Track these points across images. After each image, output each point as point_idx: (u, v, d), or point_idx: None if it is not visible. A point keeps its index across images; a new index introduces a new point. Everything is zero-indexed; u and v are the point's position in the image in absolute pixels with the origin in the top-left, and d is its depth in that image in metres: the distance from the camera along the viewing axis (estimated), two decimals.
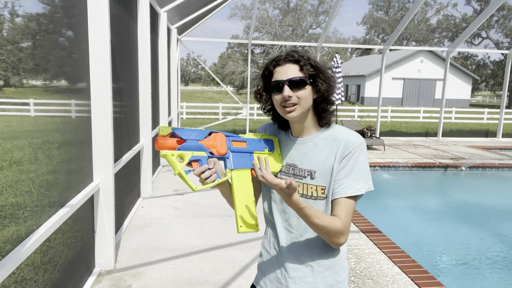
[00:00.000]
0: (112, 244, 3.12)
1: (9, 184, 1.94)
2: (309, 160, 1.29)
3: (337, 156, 1.25)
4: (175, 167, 1.13)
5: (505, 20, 40.78)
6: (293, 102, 1.23)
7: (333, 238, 1.22)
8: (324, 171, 1.26)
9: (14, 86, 2.10)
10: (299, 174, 1.31)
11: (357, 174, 1.23)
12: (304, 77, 1.23)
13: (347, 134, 1.28)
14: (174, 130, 1.17)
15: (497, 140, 12.37)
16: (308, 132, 1.32)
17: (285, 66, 1.25)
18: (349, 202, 1.24)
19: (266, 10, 46.38)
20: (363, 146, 1.26)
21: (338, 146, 1.26)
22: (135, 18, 4.73)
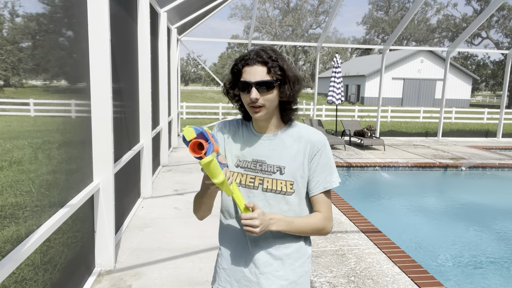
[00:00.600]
0: (112, 244, 3.12)
1: (9, 184, 1.94)
2: (278, 156, 1.33)
3: (306, 154, 1.33)
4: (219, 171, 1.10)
5: (505, 20, 40.78)
6: (259, 104, 1.25)
7: (322, 233, 1.38)
8: (293, 167, 1.31)
9: (14, 86, 2.10)
10: (267, 170, 1.33)
11: (329, 169, 1.35)
12: (271, 81, 1.24)
13: (312, 133, 1.36)
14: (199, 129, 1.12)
15: (497, 140, 12.37)
16: (273, 128, 1.36)
17: (254, 68, 1.25)
18: (328, 195, 1.37)
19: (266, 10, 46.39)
20: (327, 142, 1.37)
21: (306, 145, 1.33)
22: (135, 18, 4.73)
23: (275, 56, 1.26)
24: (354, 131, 10.38)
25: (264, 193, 1.33)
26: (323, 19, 47.98)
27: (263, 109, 1.27)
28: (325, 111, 20.91)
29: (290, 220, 1.30)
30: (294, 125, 1.39)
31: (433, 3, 45.74)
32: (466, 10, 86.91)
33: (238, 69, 1.29)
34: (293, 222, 1.30)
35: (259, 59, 1.25)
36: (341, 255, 3.57)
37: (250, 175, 1.36)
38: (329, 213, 1.37)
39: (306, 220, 1.33)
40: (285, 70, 1.26)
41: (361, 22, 56.17)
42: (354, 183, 7.34)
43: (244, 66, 1.27)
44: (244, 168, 1.37)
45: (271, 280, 1.33)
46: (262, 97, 1.25)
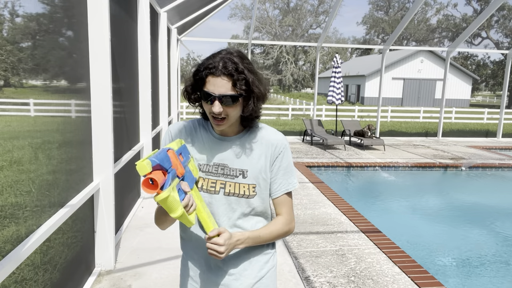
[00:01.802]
0: (112, 244, 3.12)
1: (9, 184, 1.94)
2: (241, 159, 1.30)
3: (268, 157, 1.32)
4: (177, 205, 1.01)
5: (505, 20, 40.78)
6: (222, 116, 1.21)
7: (287, 235, 1.40)
8: (255, 170, 1.30)
9: (14, 86, 2.10)
10: (230, 173, 1.30)
11: (290, 171, 1.36)
12: (235, 95, 1.18)
13: (273, 135, 1.34)
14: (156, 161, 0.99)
15: (497, 140, 12.37)
16: (234, 132, 1.32)
17: (218, 79, 1.17)
18: (289, 196, 1.38)
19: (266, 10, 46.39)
20: (288, 144, 1.37)
21: (268, 147, 1.32)
22: (135, 18, 4.73)
23: (242, 67, 1.18)
24: (354, 131, 10.38)
25: (226, 197, 1.31)
26: (323, 19, 47.99)
27: (225, 121, 1.22)
28: (325, 111, 20.91)
29: (256, 235, 1.29)
30: (256, 127, 1.35)
31: (433, 3, 45.74)
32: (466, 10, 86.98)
33: (201, 76, 1.20)
34: (259, 236, 1.30)
35: (224, 70, 1.16)
36: (341, 255, 3.57)
37: (211, 179, 1.32)
38: (291, 214, 1.38)
39: (271, 230, 1.33)
40: (250, 84, 1.19)
41: (361, 22, 56.19)
42: (354, 183, 7.34)
43: (208, 75, 1.18)
44: (206, 172, 1.33)
45: (240, 280, 1.35)
46: (225, 109, 1.19)
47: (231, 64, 1.17)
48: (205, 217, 1.20)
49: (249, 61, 1.23)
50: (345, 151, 9.47)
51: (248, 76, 1.19)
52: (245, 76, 1.18)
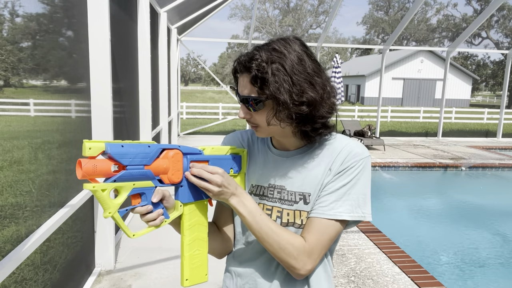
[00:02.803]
0: (112, 244, 3.12)
1: (9, 184, 1.94)
2: (301, 179, 1.00)
3: (333, 169, 0.98)
4: (106, 206, 0.82)
5: (505, 20, 40.79)
6: (252, 123, 0.98)
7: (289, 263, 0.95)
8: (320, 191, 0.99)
9: (14, 86, 2.10)
10: (288, 199, 1.01)
11: (348, 194, 0.96)
12: (257, 98, 0.91)
13: (350, 144, 1.00)
14: (109, 148, 0.81)
15: (497, 140, 12.37)
16: (296, 145, 1.03)
17: (242, 77, 0.95)
18: (327, 226, 0.95)
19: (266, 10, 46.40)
20: (366, 161, 0.99)
21: (336, 156, 0.98)
22: (135, 18, 4.73)
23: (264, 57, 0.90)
24: (354, 131, 10.38)
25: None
26: (323, 19, 48.01)
27: (260, 129, 0.98)
28: None
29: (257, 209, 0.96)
30: (328, 137, 1.03)
31: (433, 3, 45.76)
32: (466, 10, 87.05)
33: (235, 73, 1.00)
34: (261, 215, 0.96)
35: (247, 64, 0.91)
36: (341, 255, 3.57)
37: (267, 205, 1.04)
38: (315, 248, 0.95)
39: (279, 231, 0.95)
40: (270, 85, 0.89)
41: (361, 22, 56.20)
42: None
43: (236, 71, 0.98)
44: (259, 196, 1.05)
45: None
46: (253, 116, 0.96)
47: (247, 60, 0.92)
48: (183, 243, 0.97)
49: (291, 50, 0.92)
50: None
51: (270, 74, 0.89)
52: (267, 69, 0.89)
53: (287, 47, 0.92)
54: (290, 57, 0.91)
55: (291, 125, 0.96)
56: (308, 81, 0.91)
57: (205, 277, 0.98)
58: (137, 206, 0.89)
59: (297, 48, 0.93)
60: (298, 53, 0.92)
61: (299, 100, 0.90)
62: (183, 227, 0.97)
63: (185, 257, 0.96)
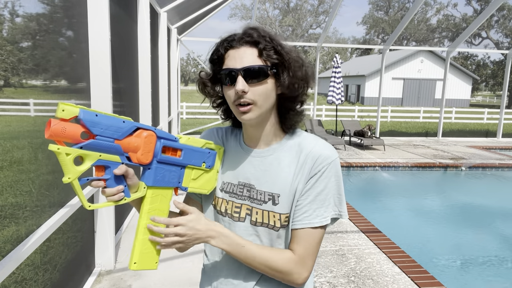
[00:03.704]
0: (112, 244, 3.12)
1: (9, 184, 1.94)
2: (271, 179, 1.01)
3: (304, 174, 0.99)
4: (67, 171, 0.80)
5: (505, 20, 40.79)
6: (248, 100, 0.93)
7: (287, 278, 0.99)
8: (289, 194, 0.99)
9: (14, 86, 2.10)
10: (257, 197, 1.02)
11: (326, 198, 0.99)
12: (264, 66, 0.93)
13: (318, 146, 1.00)
14: (83, 114, 0.80)
15: (497, 140, 12.37)
16: (268, 140, 1.04)
17: (240, 50, 0.94)
18: (314, 233, 0.98)
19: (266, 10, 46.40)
20: (336, 162, 1.00)
21: (305, 161, 0.99)
22: (135, 18, 4.73)
23: (270, 35, 0.95)
24: (354, 131, 10.38)
25: (253, 227, 1.03)
26: (323, 19, 48.02)
27: (254, 108, 0.94)
28: (325, 111, 20.91)
29: (240, 243, 0.96)
30: (296, 134, 1.05)
31: (433, 3, 45.77)
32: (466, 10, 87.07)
33: (219, 54, 0.97)
34: (244, 246, 0.96)
35: (247, 38, 0.94)
36: (341, 255, 3.57)
37: (236, 202, 1.05)
38: (307, 257, 0.98)
39: (265, 253, 0.97)
40: (283, 53, 0.94)
41: (361, 22, 56.19)
42: (354, 183, 7.34)
43: (227, 49, 0.96)
44: (229, 193, 1.06)
45: None
46: (251, 89, 0.93)
47: (254, 32, 0.95)
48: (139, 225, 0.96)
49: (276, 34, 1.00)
50: (345, 151, 9.47)
51: (277, 43, 0.95)
52: (273, 44, 0.94)
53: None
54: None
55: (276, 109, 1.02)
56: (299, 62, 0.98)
57: (155, 265, 0.97)
58: (98, 178, 0.87)
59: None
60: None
61: (296, 75, 0.96)
62: (142, 209, 0.95)
63: (138, 240, 0.94)
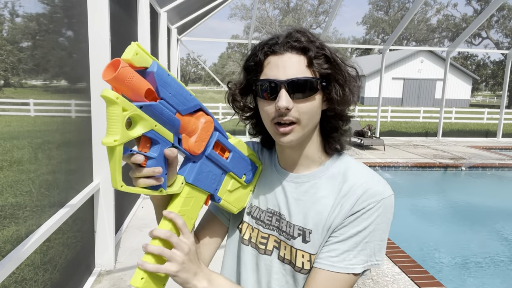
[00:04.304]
0: (112, 244, 3.12)
1: (9, 184, 1.94)
2: (304, 211, 0.84)
3: (344, 209, 0.80)
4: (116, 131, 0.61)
5: (505, 20, 40.80)
6: (291, 119, 0.77)
7: None
8: (323, 232, 0.82)
9: (13, 87, 2.10)
10: (286, 230, 0.85)
11: (361, 242, 0.79)
12: (313, 79, 0.77)
13: (366, 178, 0.82)
14: (156, 68, 0.67)
15: (497, 140, 12.37)
16: (307, 164, 0.87)
17: (285, 57, 0.77)
18: (335, 280, 0.78)
19: (266, 10, 46.40)
20: (386, 203, 0.81)
21: (348, 194, 0.81)
22: (135, 18, 4.73)
23: (320, 41, 0.80)
24: (354, 131, 10.38)
25: (281, 263, 0.86)
26: (323, 19, 48.03)
27: (297, 129, 0.78)
28: None
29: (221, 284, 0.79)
30: (342, 160, 0.88)
31: (433, 3, 45.78)
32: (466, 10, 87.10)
33: (257, 61, 0.80)
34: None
35: (294, 43, 0.77)
36: None
37: (262, 232, 0.89)
38: None
39: None
40: (336, 62, 0.79)
41: (361, 22, 56.21)
42: None
43: (268, 54, 0.79)
44: (256, 220, 0.91)
45: None
46: (296, 105, 0.76)
47: (302, 36, 0.78)
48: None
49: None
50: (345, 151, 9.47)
51: (328, 51, 0.79)
52: (325, 51, 0.78)
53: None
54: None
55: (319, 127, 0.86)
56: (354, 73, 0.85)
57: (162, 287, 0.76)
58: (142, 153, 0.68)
59: None
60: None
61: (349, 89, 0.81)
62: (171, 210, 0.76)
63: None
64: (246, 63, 0.84)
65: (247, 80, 0.84)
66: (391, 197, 0.82)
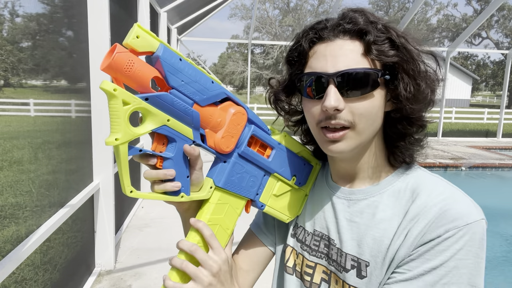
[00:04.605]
0: (112, 244, 3.12)
1: (9, 184, 1.94)
2: (358, 236, 0.67)
3: (412, 235, 0.61)
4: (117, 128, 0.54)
5: (505, 20, 40.83)
6: (342, 122, 0.61)
7: None
8: (383, 265, 0.63)
9: (13, 87, 2.10)
10: (336, 259, 0.69)
11: (438, 284, 0.58)
12: (372, 71, 0.60)
13: (446, 195, 0.65)
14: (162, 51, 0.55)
15: (497, 140, 12.37)
16: (364, 177, 0.70)
17: (335, 44, 0.62)
18: None
19: (266, 10, 46.42)
20: (474, 228, 0.59)
21: (418, 216, 0.62)
22: (135, 18, 4.73)
23: (383, 21, 0.63)
24: None
25: None
26: None
27: (351, 135, 0.62)
28: None
29: None
30: (411, 173, 0.70)
31: (433, 3, 45.80)
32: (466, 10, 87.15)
33: (301, 50, 0.66)
34: None
35: (348, 25, 0.61)
36: None
37: (308, 260, 0.73)
38: None
39: None
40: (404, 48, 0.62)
41: None
42: None
43: (314, 42, 0.64)
44: (302, 244, 0.75)
45: None
46: (349, 105, 0.61)
47: (359, 16, 0.63)
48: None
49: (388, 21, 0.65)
50: None
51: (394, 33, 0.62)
52: (390, 33, 0.61)
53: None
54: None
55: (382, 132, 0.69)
56: (431, 64, 0.67)
57: None
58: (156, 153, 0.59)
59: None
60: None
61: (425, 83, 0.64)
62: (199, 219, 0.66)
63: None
64: (288, 54, 0.70)
65: (290, 76, 0.70)
66: (480, 222, 0.59)
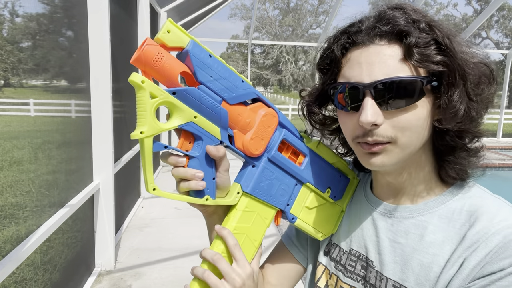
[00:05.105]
0: (112, 244, 3.12)
1: (9, 184, 1.94)
2: (402, 260, 0.59)
3: (470, 265, 0.53)
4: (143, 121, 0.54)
5: (505, 20, 40.85)
6: (381, 139, 0.55)
7: None
8: None
9: (13, 87, 2.10)
10: (375, 284, 0.62)
11: None
12: (416, 79, 0.53)
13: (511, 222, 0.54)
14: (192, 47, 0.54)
15: (497, 140, 12.37)
16: (411, 194, 0.62)
17: (371, 49, 0.55)
18: None
19: (266, 10, 46.43)
20: None
21: (478, 243, 0.54)
22: (135, 18, 4.73)
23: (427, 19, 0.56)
24: None
25: None
26: (323, 19, 48.06)
27: (391, 149, 0.56)
28: None
29: None
30: (466, 191, 0.62)
31: (433, 3, 45.80)
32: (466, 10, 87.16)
33: (333, 57, 0.59)
34: None
35: (385, 27, 0.55)
36: None
37: (342, 281, 0.67)
38: None
39: None
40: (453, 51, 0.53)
41: None
42: None
43: (347, 48, 0.58)
44: (335, 263, 0.69)
45: None
46: (389, 120, 0.54)
47: (398, 15, 0.55)
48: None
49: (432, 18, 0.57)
50: None
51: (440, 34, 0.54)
52: (436, 34, 0.54)
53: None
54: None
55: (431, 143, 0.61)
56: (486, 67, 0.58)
57: None
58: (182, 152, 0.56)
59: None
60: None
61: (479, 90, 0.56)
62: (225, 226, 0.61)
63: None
64: (319, 62, 0.62)
65: (322, 85, 0.63)
66: None
